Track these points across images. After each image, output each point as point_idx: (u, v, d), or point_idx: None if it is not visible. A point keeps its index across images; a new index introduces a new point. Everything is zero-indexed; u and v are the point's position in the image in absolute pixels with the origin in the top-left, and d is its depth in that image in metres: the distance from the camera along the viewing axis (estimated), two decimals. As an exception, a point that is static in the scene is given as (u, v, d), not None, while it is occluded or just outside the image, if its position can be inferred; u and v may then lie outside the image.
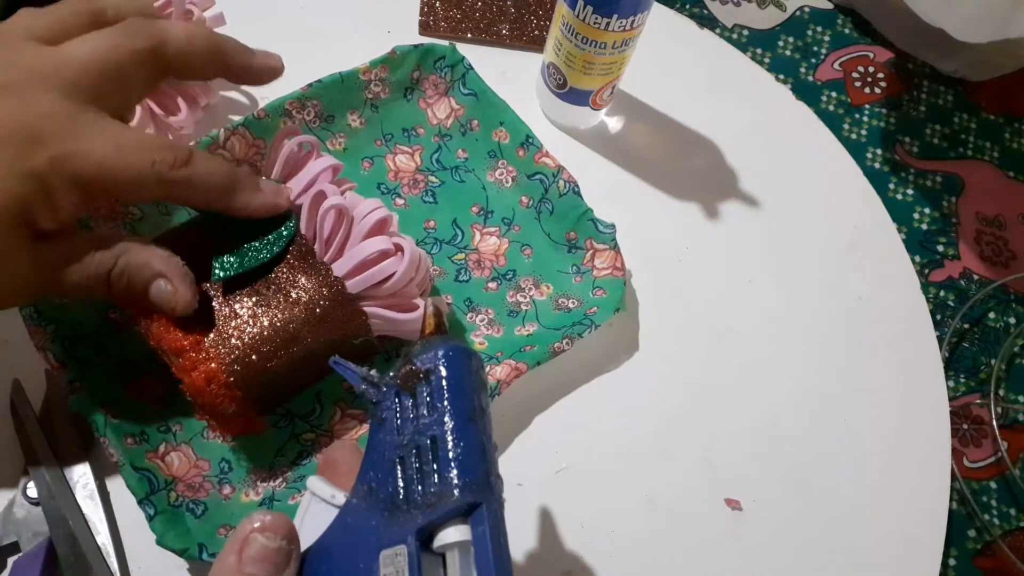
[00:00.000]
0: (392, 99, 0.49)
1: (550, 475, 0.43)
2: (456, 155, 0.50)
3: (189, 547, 0.36)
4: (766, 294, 0.50)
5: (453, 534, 0.23)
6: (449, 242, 0.47)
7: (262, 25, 0.53)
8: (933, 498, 0.46)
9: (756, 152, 0.54)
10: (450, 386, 0.26)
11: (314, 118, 0.47)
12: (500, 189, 0.49)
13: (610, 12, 0.43)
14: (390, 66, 0.49)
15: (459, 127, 0.50)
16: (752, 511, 0.44)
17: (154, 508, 0.36)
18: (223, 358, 0.35)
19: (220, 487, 0.39)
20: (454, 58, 0.49)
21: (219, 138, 0.44)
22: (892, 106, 0.60)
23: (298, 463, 0.40)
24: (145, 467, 0.37)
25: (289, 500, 0.38)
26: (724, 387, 0.47)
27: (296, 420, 0.41)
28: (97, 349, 0.40)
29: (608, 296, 0.45)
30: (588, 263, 0.46)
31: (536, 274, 0.47)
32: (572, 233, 0.47)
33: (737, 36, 0.61)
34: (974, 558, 0.47)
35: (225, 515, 0.38)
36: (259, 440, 0.40)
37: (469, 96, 0.49)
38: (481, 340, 0.44)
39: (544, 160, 0.47)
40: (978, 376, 0.52)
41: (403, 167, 0.49)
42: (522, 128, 0.48)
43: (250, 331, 0.36)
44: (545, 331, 0.44)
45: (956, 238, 0.56)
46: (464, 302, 0.45)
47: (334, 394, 0.42)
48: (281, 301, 0.37)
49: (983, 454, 0.50)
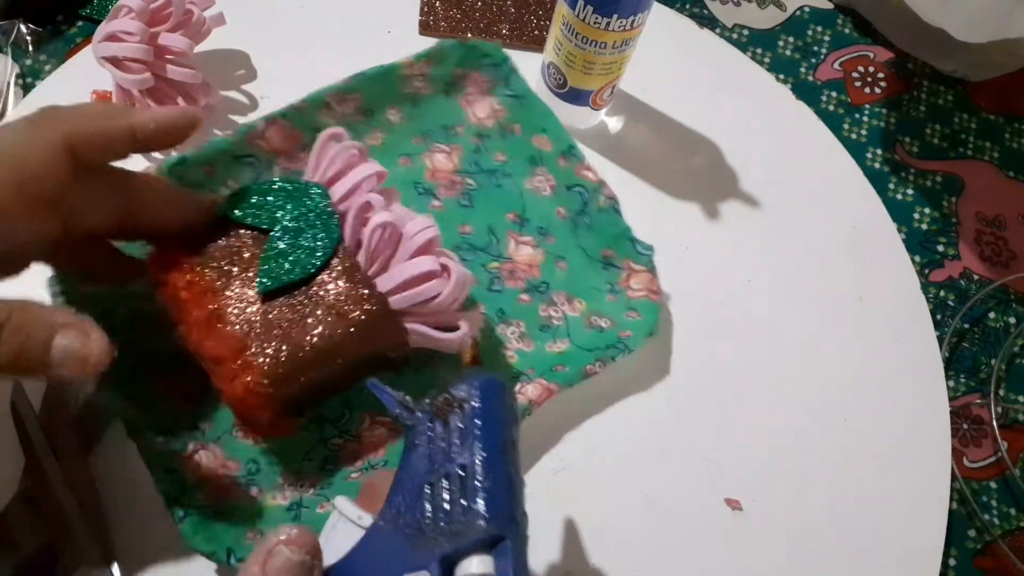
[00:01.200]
0: (433, 95, 0.49)
1: (550, 475, 0.43)
2: (494, 158, 0.49)
3: (217, 550, 0.35)
4: (766, 294, 0.50)
5: (476, 565, 0.24)
6: (484, 249, 0.46)
7: (262, 25, 0.53)
8: (933, 498, 0.46)
9: (756, 152, 0.54)
10: (483, 417, 0.27)
11: (354, 111, 0.47)
12: (537, 197, 0.48)
13: (610, 12, 0.43)
14: (433, 61, 0.48)
15: (499, 128, 0.49)
16: (752, 511, 0.44)
17: (183, 510, 0.36)
18: (263, 368, 0.35)
19: (248, 489, 0.39)
20: (498, 57, 0.49)
21: (258, 128, 0.44)
22: (892, 106, 0.60)
23: (325, 468, 0.40)
24: (174, 469, 0.37)
25: (317, 508, 0.38)
26: (723, 387, 0.47)
27: (325, 425, 0.41)
28: (126, 343, 0.39)
29: (642, 319, 0.44)
30: (624, 283, 0.46)
31: (569, 289, 0.46)
32: (609, 250, 0.46)
33: (737, 36, 0.61)
34: (974, 558, 0.47)
35: (252, 519, 0.38)
36: (288, 443, 0.40)
37: (511, 98, 0.49)
38: (512, 354, 0.44)
39: (585, 173, 0.47)
40: (978, 376, 0.52)
41: (440, 167, 0.48)
42: (565, 137, 0.47)
43: (291, 343, 0.35)
44: (576, 350, 0.44)
45: (956, 238, 0.56)
46: (496, 312, 0.45)
47: (364, 401, 0.42)
48: (322, 314, 0.36)
49: (983, 454, 0.50)
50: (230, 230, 0.38)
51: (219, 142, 0.43)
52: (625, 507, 0.43)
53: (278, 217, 0.38)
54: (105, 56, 0.44)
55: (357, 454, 0.40)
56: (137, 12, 0.44)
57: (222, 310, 0.36)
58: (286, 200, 0.38)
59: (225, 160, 0.44)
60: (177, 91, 0.46)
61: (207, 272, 0.36)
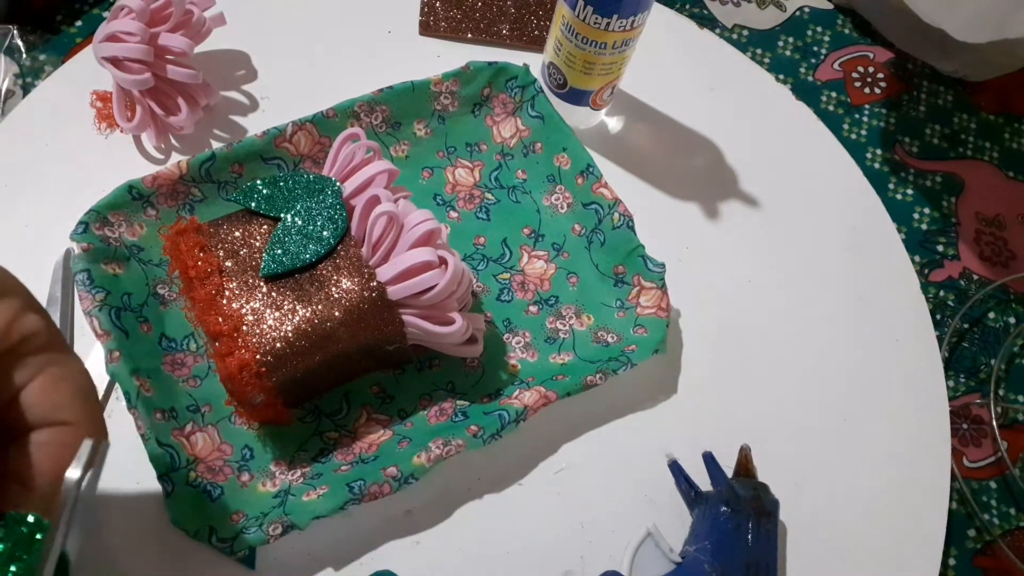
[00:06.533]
0: (460, 113, 0.50)
1: (550, 475, 0.43)
2: (515, 175, 0.50)
3: (200, 528, 0.36)
4: (766, 294, 0.50)
5: None
6: (496, 260, 0.47)
7: (262, 25, 0.53)
8: (933, 498, 0.46)
9: (756, 152, 0.54)
10: (776, 530, 0.40)
11: (381, 123, 0.48)
12: (554, 214, 0.49)
13: (610, 12, 0.43)
14: (462, 80, 0.49)
15: (522, 148, 0.50)
16: (752, 511, 0.44)
17: (172, 485, 0.37)
18: (258, 348, 0.36)
19: (239, 473, 0.39)
20: (526, 79, 0.50)
21: (286, 131, 0.45)
22: (892, 106, 0.60)
23: (318, 460, 0.40)
24: (169, 443, 0.38)
25: (304, 497, 0.38)
26: (723, 386, 0.47)
27: (323, 417, 0.42)
28: (140, 321, 0.41)
29: (649, 335, 0.44)
30: (633, 299, 0.46)
31: (579, 303, 0.46)
32: (621, 267, 0.46)
33: (737, 36, 0.61)
34: (974, 558, 0.47)
35: (240, 502, 0.38)
36: (284, 432, 0.41)
37: (536, 119, 0.49)
38: (515, 363, 0.44)
39: (602, 191, 0.47)
40: (978, 376, 0.52)
41: (461, 181, 0.49)
42: (584, 156, 0.48)
43: (288, 325, 0.37)
44: (580, 362, 0.44)
45: (956, 238, 0.56)
46: (503, 322, 0.45)
47: (362, 396, 0.42)
48: (322, 299, 0.38)
49: (983, 454, 0.50)
50: (245, 217, 0.40)
51: (248, 142, 0.45)
52: (625, 507, 0.43)
53: (291, 207, 0.39)
54: (105, 56, 0.44)
55: (350, 448, 0.41)
56: (137, 12, 0.44)
57: (226, 290, 0.38)
58: (301, 192, 0.40)
59: (253, 160, 0.45)
60: (177, 91, 0.46)
61: (218, 253, 0.38)
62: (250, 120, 0.50)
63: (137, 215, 0.43)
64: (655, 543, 0.39)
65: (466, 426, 0.40)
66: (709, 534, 0.39)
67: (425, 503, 0.41)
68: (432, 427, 0.41)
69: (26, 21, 0.53)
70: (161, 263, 0.43)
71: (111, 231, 0.42)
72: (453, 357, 0.44)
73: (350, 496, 0.38)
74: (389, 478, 0.38)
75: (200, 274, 0.38)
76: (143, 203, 0.43)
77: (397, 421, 0.42)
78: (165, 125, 0.47)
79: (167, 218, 0.44)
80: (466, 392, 0.43)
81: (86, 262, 0.40)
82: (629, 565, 0.39)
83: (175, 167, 0.44)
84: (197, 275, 0.38)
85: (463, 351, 0.41)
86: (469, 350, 0.41)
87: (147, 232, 0.43)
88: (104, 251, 0.41)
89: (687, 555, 0.39)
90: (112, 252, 0.41)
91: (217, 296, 0.37)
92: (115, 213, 0.42)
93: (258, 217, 0.40)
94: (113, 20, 0.44)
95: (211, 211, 0.44)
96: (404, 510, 0.41)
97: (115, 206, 0.42)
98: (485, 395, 0.43)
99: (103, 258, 0.41)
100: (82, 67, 0.49)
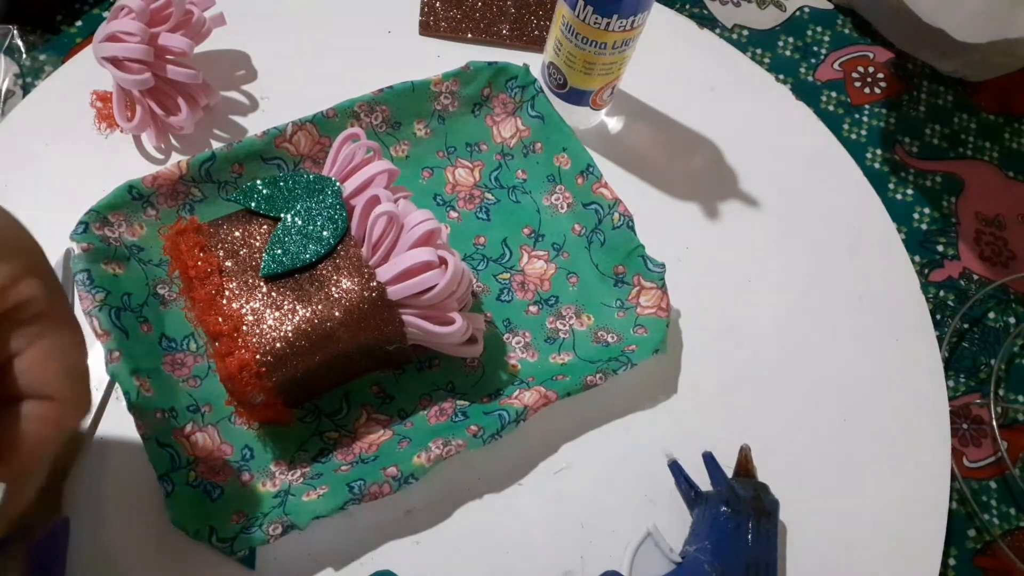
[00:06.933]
0: (460, 113, 0.50)
1: (550, 475, 0.43)
2: (515, 175, 0.50)
3: (200, 528, 0.36)
4: (766, 294, 0.50)
5: None
6: (496, 260, 0.47)
7: (262, 25, 0.53)
8: (933, 498, 0.46)
9: (756, 152, 0.54)
10: (776, 530, 0.40)
11: (381, 123, 0.48)
12: (554, 214, 0.49)
13: (610, 12, 0.43)
14: (462, 80, 0.49)
15: (522, 148, 0.50)
16: (752, 511, 0.44)
17: (172, 485, 0.37)
18: (258, 348, 0.36)
19: (239, 473, 0.39)
20: (526, 79, 0.50)
21: (286, 131, 0.45)
22: (892, 106, 0.60)
23: (318, 460, 0.40)
24: (169, 443, 0.38)
25: (304, 497, 0.38)
26: (723, 386, 0.47)
27: (323, 417, 0.42)
28: (140, 321, 0.41)
29: (649, 335, 0.44)
30: (633, 299, 0.46)
31: (579, 303, 0.47)
32: (621, 267, 0.46)
33: (737, 36, 0.61)
34: (974, 558, 0.47)
35: (240, 502, 0.38)
36: (284, 432, 0.41)
37: (536, 118, 0.49)
38: (515, 363, 0.44)
39: (602, 191, 0.47)
40: (978, 376, 0.52)
41: (461, 181, 0.49)
42: (584, 156, 0.48)
43: (288, 325, 0.37)
44: (580, 362, 0.44)
45: (956, 238, 0.56)
46: (503, 322, 0.45)
47: (362, 396, 0.43)
48: (322, 299, 0.38)
49: (983, 454, 0.50)
50: (245, 217, 0.40)
51: (248, 142, 0.45)
52: (625, 507, 0.43)
53: (291, 207, 0.39)
54: (105, 56, 0.44)
55: (350, 448, 0.41)
56: (137, 12, 0.44)
57: (226, 289, 0.38)
58: (301, 192, 0.40)
59: (253, 160, 0.45)
60: (177, 91, 0.46)
61: (218, 253, 0.38)
62: (250, 120, 0.50)
63: (137, 215, 0.43)
64: (655, 543, 0.39)
65: (466, 426, 0.40)
66: (709, 534, 0.39)
67: (425, 503, 0.41)
68: (432, 427, 0.41)
69: (26, 21, 0.53)
70: (161, 263, 0.43)
71: (111, 231, 0.42)
72: (453, 357, 0.44)
73: (350, 496, 0.38)
74: (389, 478, 0.38)
75: (200, 274, 0.38)
76: (143, 203, 0.43)
77: (397, 421, 0.42)
78: (165, 125, 0.47)
79: (167, 218, 0.44)
80: (466, 392, 0.43)
81: (86, 262, 0.40)
82: (629, 565, 0.39)
83: (175, 167, 0.44)
84: (197, 275, 0.38)
85: (463, 351, 0.41)
86: (469, 350, 0.41)
87: (147, 232, 0.43)
88: (104, 251, 0.41)
89: (687, 555, 0.39)
90: (112, 252, 0.42)
91: (217, 296, 0.37)
92: (115, 213, 0.42)
93: (258, 217, 0.40)
94: (113, 20, 0.44)
95: (211, 211, 0.44)
96: (404, 510, 0.41)
97: (115, 206, 0.42)
98: (485, 395, 0.43)
99: (103, 258, 0.41)
100: (82, 67, 0.49)
